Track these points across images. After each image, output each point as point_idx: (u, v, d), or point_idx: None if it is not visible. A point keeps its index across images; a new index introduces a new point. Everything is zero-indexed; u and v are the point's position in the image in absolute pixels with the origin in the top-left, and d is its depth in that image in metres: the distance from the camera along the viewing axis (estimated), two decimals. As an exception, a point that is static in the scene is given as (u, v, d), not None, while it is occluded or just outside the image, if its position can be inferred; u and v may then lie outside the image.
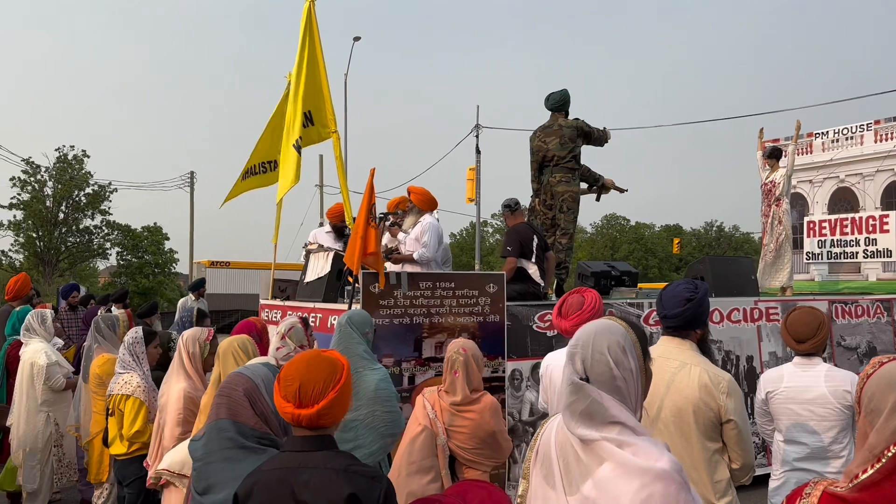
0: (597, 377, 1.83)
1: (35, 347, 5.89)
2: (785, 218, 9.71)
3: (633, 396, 1.85)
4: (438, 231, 6.95)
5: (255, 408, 2.36)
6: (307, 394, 2.02)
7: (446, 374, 3.73)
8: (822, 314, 3.69)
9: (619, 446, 1.76)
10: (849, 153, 32.07)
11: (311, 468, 1.96)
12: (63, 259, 38.63)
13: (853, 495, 1.58)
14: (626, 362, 1.84)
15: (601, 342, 1.86)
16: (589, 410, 1.81)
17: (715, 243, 56.94)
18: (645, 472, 1.71)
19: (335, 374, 2.06)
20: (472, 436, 3.59)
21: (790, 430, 3.65)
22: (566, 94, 7.94)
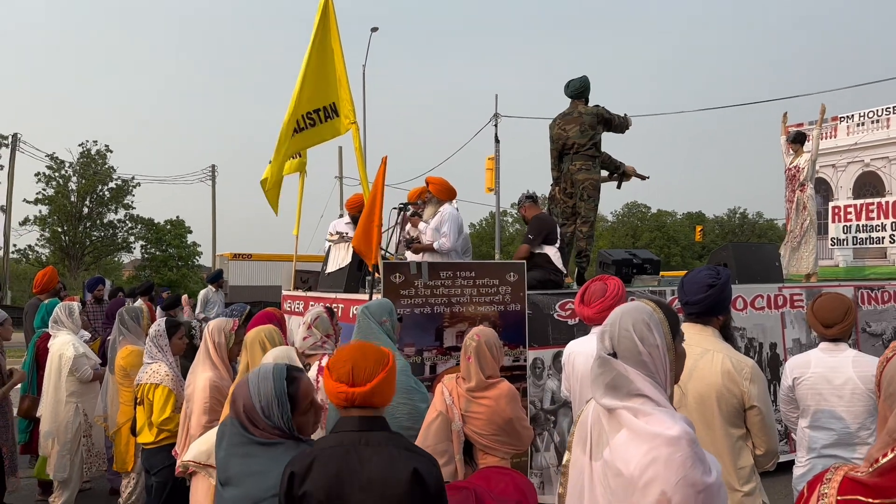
0: (623, 352, 1.95)
1: (63, 339, 6.00)
2: (809, 203, 9.59)
3: (661, 372, 1.94)
4: (458, 220, 6.96)
5: (257, 424, 2.35)
6: (360, 374, 2.11)
7: (462, 360, 3.78)
8: (849, 299, 3.66)
9: (635, 415, 1.87)
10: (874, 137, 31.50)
11: (373, 445, 2.04)
12: (88, 253, 39.18)
13: (873, 480, 1.56)
14: (651, 338, 1.94)
15: (627, 320, 1.98)
16: (614, 383, 1.93)
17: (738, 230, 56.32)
18: (654, 438, 1.82)
19: (384, 357, 2.18)
20: (489, 422, 3.59)
21: (817, 417, 3.62)
22: (586, 81, 7.89)
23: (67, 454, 5.85)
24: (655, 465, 1.79)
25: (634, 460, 1.82)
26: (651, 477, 1.79)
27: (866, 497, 1.53)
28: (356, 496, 1.99)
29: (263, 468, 2.29)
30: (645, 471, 1.80)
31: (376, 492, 1.97)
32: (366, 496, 1.98)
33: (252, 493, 2.29)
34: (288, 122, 6.37)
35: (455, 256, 6.86)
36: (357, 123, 6.06)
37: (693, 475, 1.78)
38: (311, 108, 6.22)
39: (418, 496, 1.96)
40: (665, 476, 1.78)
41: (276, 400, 2.35)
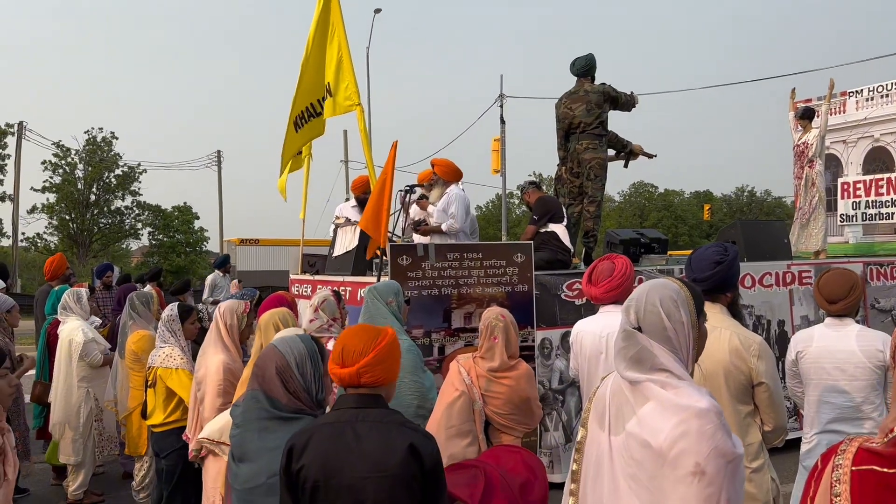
0: (648, 327, 1.96)
1: (72, 325, 6.04)
2: (818, 180, 9.51)
3: (684, 349, 1.96)
4: (465, 201, 6.96)
5: (288, 386, 2.40)
6: (349, 355, 2.13)
7: (483, 340, 3.77)
8: (856, 275, 3.62)
9: (662, 387, 1.89)
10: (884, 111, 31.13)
11: (369, 421, 2.07)
12: (96, 240, 39.36)
13: (888, 450, 1.56)
14: (677, 315, 1.96)
15: (654, 295, 1.99)
16: (638, 356, 1.95)
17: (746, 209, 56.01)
18: (684, 410, 1.83)
19: (377, 337, 2.17)
20: (508, 402, 3.63)
21: (820, 391, 3.60)
22: (592, 59, 7.82)
23: (80, 439, 5.91)
24: (687, 438, 1.80)
25: (664, 432, 1.82)
26: (682, 448, 1.80)
27: (881, 466, 1.53)
28: (351, 470, 2.02)
29: (280, 444, 2.31)
30: (676, 443, 1.81)
31: (371, 466, 2.00)
32: (361, 470, 2.01)
33: (269, 468, 2.31)
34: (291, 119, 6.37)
35: (463, 237, 6.86)
36: (362, 105, 6.02)
37: (724, 446, 1.80)
38: (313, 99, 6.19)
39: (414, 470, 1.99)
40: (697, 448, 1.79)
41: (310, 358, 2.46)
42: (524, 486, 2.74)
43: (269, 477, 2.29)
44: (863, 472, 1.55)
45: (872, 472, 1.53)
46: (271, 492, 2.27)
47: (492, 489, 2.65)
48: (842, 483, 1.56)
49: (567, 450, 6.18)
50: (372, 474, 1.99)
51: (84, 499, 5.98)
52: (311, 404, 2.42)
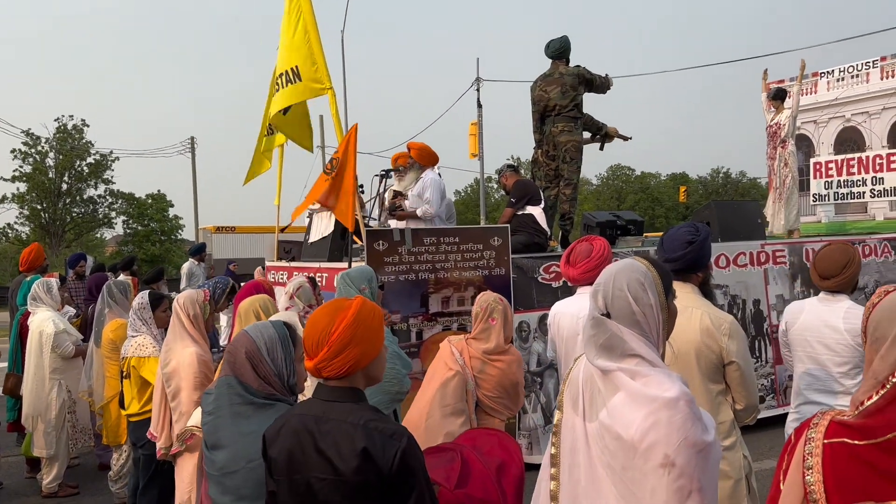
0: (617, 312, 1.92)
1: (42, 316, 5.94)
2: (791, 160, 9.62)
3: (654, 331, 1.93)
4: (441, 186, 6.93)
5: (258, 370, 2.36)
6: (309, 346, 2.06)
7: (479, 322, 3.79)
8: (854, 252, 3.57)
9: (632, 377, 1.86)
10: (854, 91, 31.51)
11: (332, 419, 2.00)
12: (69, 230, 38.74)
13: (859, 422, 1.58)
14: (645, 298, 1.92)
15: (621, 279, 1.95)
16: (608, 343, 1.91)
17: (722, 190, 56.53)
18: (652, 401, 1.80)
19: (330, 325, 2.03)
20: (498, 384, 3.67)
21: (804, 363, 3.64)
22: (566, 41, 7.80)
23: (53, 431, 5.84)
24: (656, 429, 1.78)
25: (635, 424, 1.81)
26: (653, 440, 1.78)
27: (852, 439, 1.55)
28: (310, 470, 1.98)
29: (256, 429, 2.28)
30: (646, 435, 1.79)
31: (329, 469, 1.95)
32: (320, 472, 1.96)
33: (246, 453, 2.28)
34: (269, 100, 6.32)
35: (438, 223, 6.84)
36: (333, 89, 5.94)
37: (693, 436, 1.78)
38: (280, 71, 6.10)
39: (368, 477, 1.91)
40: (667, 439, 1.77)
41: (280, 342, 2.41)
42: (501, 467, 2.74)
43: (248, 462, 2.27)
44: (834, 444, 1.57)
45: (843, 444, 1.55)
46: (250, 477, 2.25)
47: (468, 471, 2.65)
48: (814, 456, 1.58)
49: (546, 432, 6.22)
50: (329, 476, 1.94)
51: (59, 491, 5.92)
52: (283, 390, 2.39)
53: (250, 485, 2.25)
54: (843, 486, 1.53)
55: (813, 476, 1.57)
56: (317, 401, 2.08)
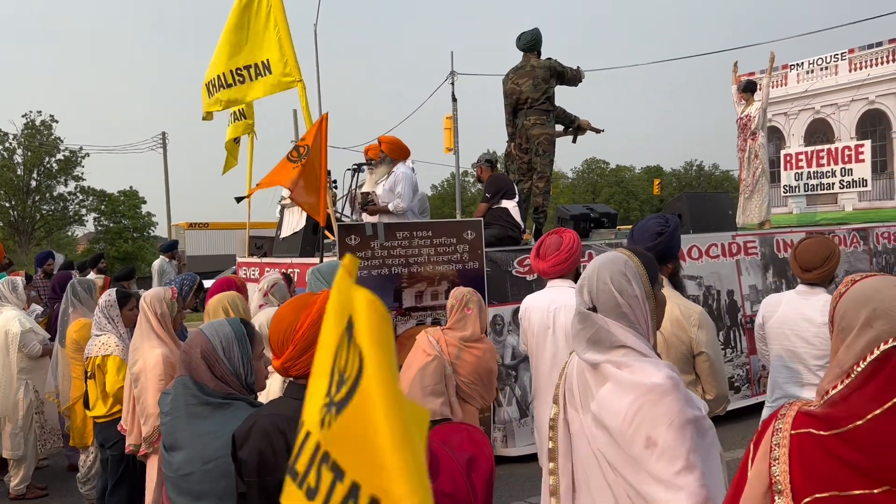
0: (602, 305, 1.93)
1: (8, 315, 5.81)
2: (761, 152, 9.71)
3: (642, 322, 1.94)
4: (413, 180, 6.89)
5: (214, 370, 2.31)
6: (274, 345, 2.01)
7: (455, 313, 3.95)
8: (835, 245, 3.57)
9: (618, 367, 1.88)
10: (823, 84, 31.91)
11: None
12: (39, 228, 38.09)
13: (824, 411, 1.59)
14: (629, 289, 1.93)
15: (604, 272, 1.96)
16: (596, 337, 1.93)
17: (695, 182, 57.12)
18: (637, 387, 1.82)
19: (294, 323, 1.99)
20: (474, 371, 3.85)
21: (781, 357, 3.64)
22: (538, 34, 7.78)
23: (20, 432, 5.73)
24: (641, 413, 1.80)
25: (622, 412, 1.83)
26: (637, 424, 1.80)
27: (818, 429, 1.55)
28: (282, 470, 1.93)
29: (213, 429, 2.24)
30: (632, 421, 1.81)
31: None
32: None
33: (202, 454, 2.24)
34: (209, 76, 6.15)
35: (411, 217, 6.80)
36: (303, 82, 5.87)
37: (679, 416, 1.78)
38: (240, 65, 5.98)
39: None
40: (651, 421, 1.79)
41: (237, 341, 2.34)
42: (470, 461, 2.71)
43: (204, 463, 2.22)
44: (801, 435, 1.57)
45: (809, 434, 1.56)
46: (206, 478, 2.20)
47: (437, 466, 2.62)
48: (781, 447, 1.59)
49: (521, 424, 6.23)
50: None
51: (27, 493, 5.81)
52: (241, 389, 2.34)
53: (206, 486, 2.20)
54: (809, 477, 1.53)
55: (779, 467, 1.58)
56: (288, 400, 2.03)
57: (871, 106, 30.99)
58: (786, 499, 1.54)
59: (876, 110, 30.90)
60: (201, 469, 2.20)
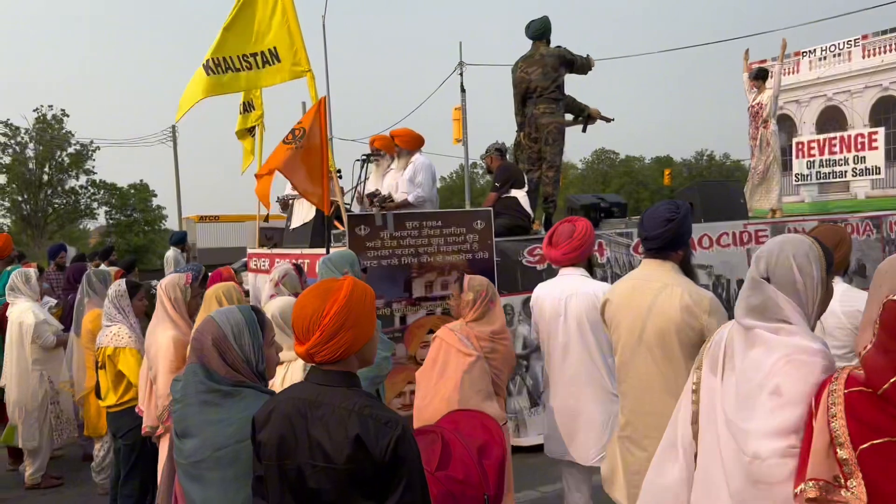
0: (778, 279, 1.99)
1: (22, 307, 5.87)
2: (773, 140, 9.63)
3: (811, 303, 2.01)
4: (432, 169, 6.92)
5: (225, 358, 2.31)
6: (299, 331, 1.99)
7: (478, 306, 3.81)
8: (845, 232, 3.54)
9: (773, 333, 1.95)
10: (836, 70, 31.57)
11: (326, 404, 1.95)
12: (51, 221, 38.38)
13: (863, 374, 1.75)
14: (808, 270, 2.00)
15: (788, 249, 2.02)
16: (763, 306, 1.99)
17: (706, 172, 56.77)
18: (787, 347, 1.90)
19: (321, 309, 1.96)
20: (504, 361, 3.79)
21: None
22: (547, 22, 7.74)
23: (35, 422, 5.79)
24: (784, 368, 1.86)
25: (766, 366, 1.90)
26: (774, 374, 1.87)
27: (865, 387, 1.74)
28: (304, 456, 1.94)
29: (224, 417, 2.25)
30: (771, 372, 1.88)
31: (321, 456, 1.91)
32: (312, 458, 1.92)
33: (213, 441, 2.24)
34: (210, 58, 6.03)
35: (430, 207, 6.80)
36: (312, 72, 5.85)
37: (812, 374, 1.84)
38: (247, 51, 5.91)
39: (362, 465, 1.88)
40: (788, 374, 1.85)
41: (248, 328, 2.34)
42: (482, 448, 2.73)
43: (215, 450, 2.23)
44: (852, 393, 1.75)
45: (860, 392, 1.74)
46: (217, 465, 2.21)
47: (449, 453, 2.64)
48: (837, 405, 1.76)
49: (532, 414, 6.23)
50: (320, 463, 1.91)
51: (42, 483, 5.88)
52: (252, 376, 2.34)
53: (217, 473, 2.21)
54: (864, 428, 1.70)
55: (837, 422, 1.73)
56: (310, 384, 2.03)
57: (884, 93, 30.65)
58: (847, 450, 1.70)
59: (890, 97, 30.56)
60: (212, 456, 2.21)
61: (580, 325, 3.76)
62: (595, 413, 3.75)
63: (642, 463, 3.10)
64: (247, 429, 2.12)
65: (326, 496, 1.92)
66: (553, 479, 5.09)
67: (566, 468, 3.94)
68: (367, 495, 1.90)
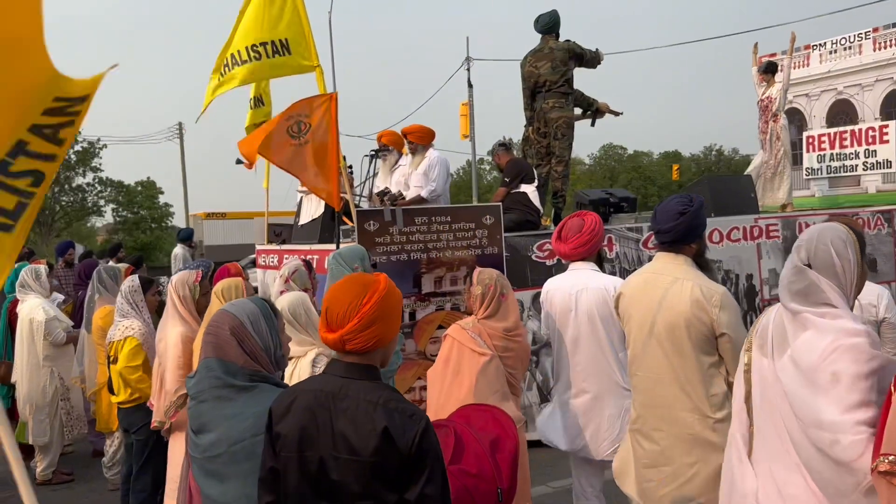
0: (819, 264, 2.17)
1: (32, 303, 5.89)
2: (783, 134, 9.58)
3: (849, 285, 2.19)
4: (446, 164, 6.92)
5: (244, 346, 2.32)
6: (333, 318, 1.99)
7: (489, 301, 3.65)
8: (857, 226, 3.50)
9: (820, 317, 2.11)
10: (847, 64, 31.37)
11: (350, 396, 1.95)
12: (59, 219, 38.54)
13: None
14: (845, 253, 2.18)
15: (826, 236, 2.21)
16: (806, 290, 2.16)
17: (714, 167, 56.54)
18: (837, 331, 2.06)
19: (362, 297, 1.98)
20: (518, 358, 3.67)
21: None
22: (556, 16, 7.71)
23: (46, 419, 5.82)
24: (836, 352, 2.02)
25: (819, 350, 2.05)
26: (831, 360, 2.03)
27: None
28: (324, 448, 1.94)
29: (239, 411, 2.25)
30: (826, 357, 2.03)
31: (345, 448, 1.91)
32: (335, 450, 1.93)
33: (229, 435, 2.24)
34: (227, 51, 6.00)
35: (443, 202, 6.79)
36: (321, 67, 5.84)
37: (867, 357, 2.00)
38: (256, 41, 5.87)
39: (388, 457, 1.89)
40: (841, 358, 2.01)
41: (263, 315, 2.38)
42: (495, 442, 2.72)
43: (231, 445, 2.23)
44: None
45: None
46: (232, 460, 2.21)
47: (462, 447, 2.63)
48: None
49: (542, 409, 6.22)
50: (344, 455, 1.91)
51: (53, 478, 5.90)
52: (270, 365, 2.35)
53: (232, 468, 2.22)
54: None
55: None
56: (331, 377, 2.02)
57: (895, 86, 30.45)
58: None
59: (901, 90, 30.38)
60: (228, 451, 2.22)
61: (591, 319, 3.75)
62: (606, 407, 3.74)
63: (652, 456, 3.10)
64: (262, 423, 2.12)
65: (349, 488, 1.92)
66: (564, 473, 5.08)
67: (577, 462, 3.93)
68: (389, 487, 1.91)
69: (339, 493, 1.93)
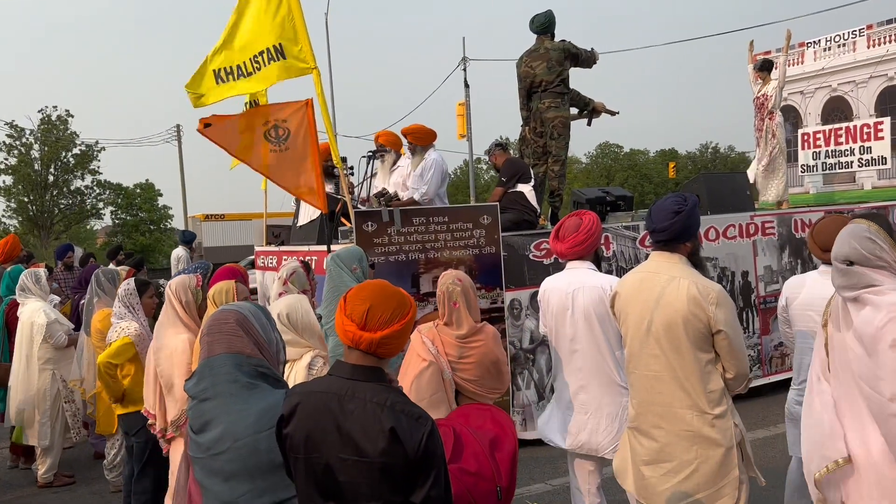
0: (857, 262, 2.48)
1: (33, 307, 5.90)
2: (778, 131, 9.61)
3: (893, 263, 2.48)
4: (442, 167, 6.85)
5: (250, 336, 2.34)
6: (374, 318, 2.01)
7: (443, 308, 3.56)
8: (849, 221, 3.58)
9: (876, 294, 2.43)
10: (841, 61, 31.42)
11: (357, 398, 1.97)
12: (57, 222, 38.44)
13: None
14: (872, 247, 2.47)
15: (852, 242, 2.50)
16: (856, 283, 2.47)
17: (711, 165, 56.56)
18: (890, 305, 2.37)
19: (404, 307, 2.06)
20: (478, 365, 3.47)
21: (806, 338, 3.62)
22: (551, 16, 7.73)
23: (48, 421, 5.83)
24: (892, 323, 2.32)
25: (876, 321, 2.36)
26: (887, 329, 2.33)
27: None
28: (333, 450, 1.96)
29: (242, 408, 2.26)
30: (883, 326, 2.34)
31: (352, 449, 1.93)
32: (342, 451, 1.94)
33: (232, 431, 2.25)
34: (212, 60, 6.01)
35: (438, 203, 6.79)
36: (318, 69, 5.85)
37: None
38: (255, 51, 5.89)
39: (396, 458, 1.90)
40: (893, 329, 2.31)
41: (260, 310, 2.44)
42: (494, 441, 2.75)
43: (235, 441, 2.23)
44: None
45: None
46: (236, 456, 2.20)
47: (461, 446, 2.65)
48: None
49: (540, 407, 6.25)
50: (351, 457, 1.93)
51: (54, 481, 5.92)
52: (274, 360, 2.37)
53: (237, 464, 2.22)
54: None
55: None
56: (337, 379, 2.04)
57: (890, 82, 30.52)
58: None
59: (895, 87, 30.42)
60: (232, 447, 2.22)
61: (588, 318, 3.77)
62: (604, 405, 3.77)
63: (652, 453, 3.12)
64: (264, 419, 2.14)
65: (355, 490, 1.94)
66: (562, 471, 5.11)
67: (576, 460, 3.95)
68: (395, 489, 1.93)
69: (346, 495, 1.95)
